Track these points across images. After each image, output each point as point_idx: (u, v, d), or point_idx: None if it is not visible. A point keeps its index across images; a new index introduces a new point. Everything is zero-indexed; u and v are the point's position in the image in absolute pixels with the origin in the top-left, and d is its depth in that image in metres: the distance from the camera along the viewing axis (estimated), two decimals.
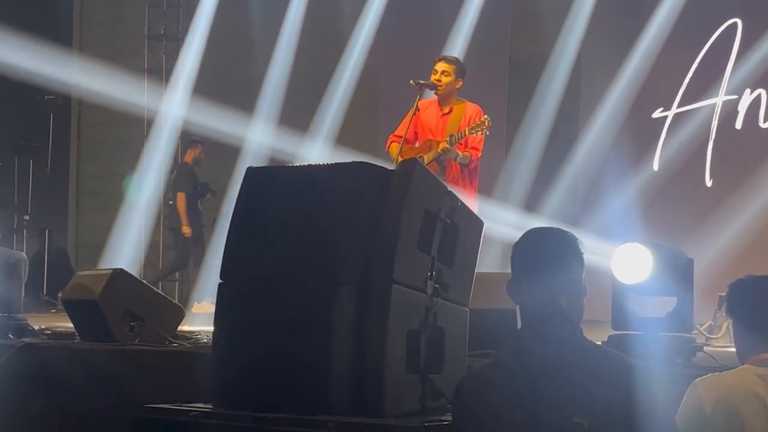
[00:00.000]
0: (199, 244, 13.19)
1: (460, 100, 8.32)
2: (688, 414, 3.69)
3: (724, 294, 8.40)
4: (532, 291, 3.15)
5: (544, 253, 3.18)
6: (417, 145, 8.32)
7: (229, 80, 14.43)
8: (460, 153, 8.05)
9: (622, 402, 3.05)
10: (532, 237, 3.26)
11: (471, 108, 8.22)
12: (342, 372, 3.88)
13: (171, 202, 13.61)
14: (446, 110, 8.28)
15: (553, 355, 3.13)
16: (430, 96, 8.41)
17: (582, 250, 3.20)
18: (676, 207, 11.51)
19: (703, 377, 3.82)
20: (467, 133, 8.02)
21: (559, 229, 3.27)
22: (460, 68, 8.36)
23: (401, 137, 8.24)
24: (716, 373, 3.93)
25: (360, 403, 3.87)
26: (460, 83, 8.32)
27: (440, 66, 8.31)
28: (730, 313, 3.89)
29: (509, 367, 3.20)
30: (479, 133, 8.05)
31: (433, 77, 8.26)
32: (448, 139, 8.03)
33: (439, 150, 8.03)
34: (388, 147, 8.42)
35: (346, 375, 3.88)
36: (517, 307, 3.24)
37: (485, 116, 8.07)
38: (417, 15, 13.21)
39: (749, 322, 3.77)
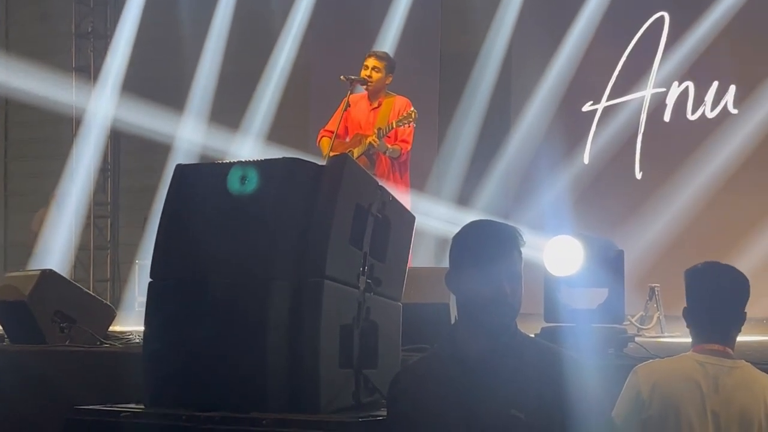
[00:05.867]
0: None
1: (390, 94, 8.35)
2: (628, 398, 3.72)
3: (655, 285, 8.52)
4: (475, 279, 3.15)
5: (490, 243, 3.19)
6: (348, 140, 8.31)
7: (158, 78, 14.29)
8: (389, 146, 8.06)
9: (555, 393, 3.07)
10: (477, 227, 3.27)
11: (400, 101, 8.26)
12: (276, 369, 3.85)
13: None
14: (375, 105, 8.29)
15: (488, 349, 3.14)
16: (361, 91, 8.41)
17: (523, 243, 3.21)
18: (606, 199, 11.61)
19: (645, 363, 3.85)
20: (395, 125, 8.03)
21: (501, 222, 3.29)
22: (390, 64, 8.37)
23: (332, 132, 8.25)
24: (658, 359, 3.96)
25: (294, 400, 3.84)
26: (390, 79, 8.34)
27: (371, 62, 8.31)
28: (686, 299, 3.85)
29: (445, 361, 3.20)
30: (407, 125, 8.06)
31: (364, 72, 8.26)
32: (376, 132, 8.04)
33: (367, 144, 8.02)
34: (319, 142, 8.43)
35: (280, 372, 3.85)
36: (451, 300, 3.24)
37: (412, 108, 8.09)
38: (347, 11, 13.19)
39: (701, 310, 3.77)
